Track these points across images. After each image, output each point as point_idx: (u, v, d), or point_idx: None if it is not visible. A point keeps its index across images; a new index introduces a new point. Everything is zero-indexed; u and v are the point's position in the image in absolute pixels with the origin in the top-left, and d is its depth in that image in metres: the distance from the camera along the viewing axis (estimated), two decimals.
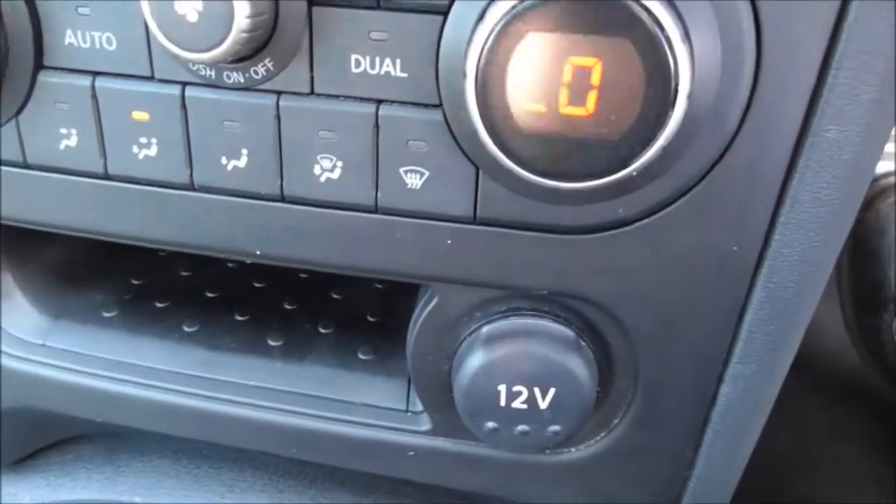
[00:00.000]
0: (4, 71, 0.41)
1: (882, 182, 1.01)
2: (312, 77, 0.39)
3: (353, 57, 0.38)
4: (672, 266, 0.40)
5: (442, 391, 0.46)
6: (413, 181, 0.40)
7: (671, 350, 0.43)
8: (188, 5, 0.36)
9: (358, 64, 0.38)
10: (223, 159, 0.42)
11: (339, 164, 0.40)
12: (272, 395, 0.51)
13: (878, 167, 1.07)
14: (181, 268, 0.61)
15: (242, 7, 0.35)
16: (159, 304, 0.57)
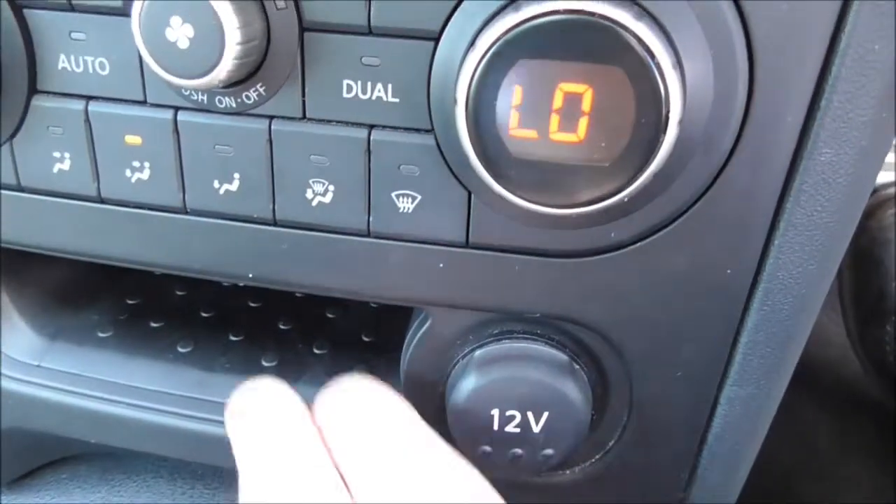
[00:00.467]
0: None
1: (884, 192, 1.01)
2: (304, 102, 0.39)
3: (345, 82, 0.38)
4: (666, 289, 0.40)
5: (435, 414, 0.45)
6: (405, 205, 0.40)
7: (666, 373, 0.43)
8: (179, 32, 0.36)
9: (350, 89, 0.38)
10: (215, 183, 0.42)
11: (332, 189, 0.40)
12: None
13: (881, 177, 1.07)
14: (176, 287, 0.61)
15: (234, 34, 0.35)
16: (154, 325, 0.57)
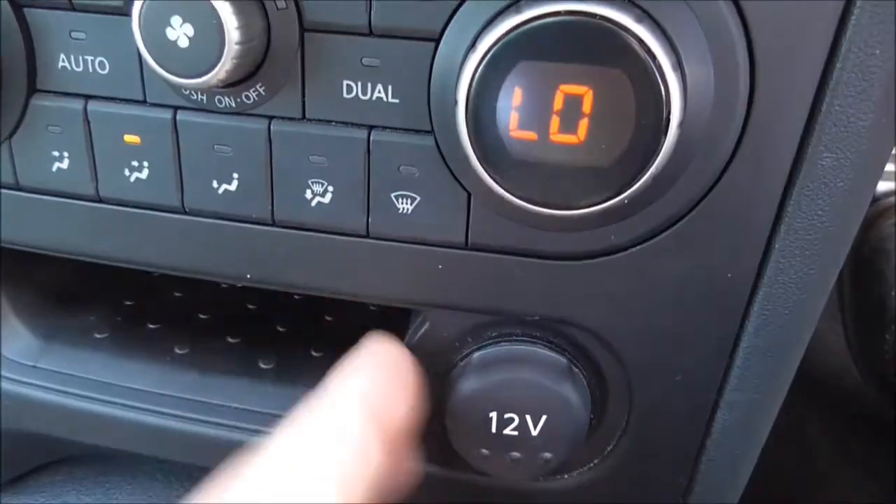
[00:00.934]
0: None
1: (885, 201, 1.01)
2: (304, 102, 0.39)
3: (345, 83, 0.38)
4: (665, 293, 0.40)
5: (434, 417, 0.45)
6: (405, 206, 0.40)
7: (665, 377, 0.43)
8: (179, 31, 0.36)
9: (350, 90, 0.38)
10: (214, 183, 0.42)
11: (331, 189, 0.40)
12: (263, 419, 0.50)
13: (881, 186, 1.07)
14: (174, 289, 0.60)
15: (233, 33, 0.35)
16: (151, 326, 0.57)
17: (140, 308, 0.59)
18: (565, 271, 0.40)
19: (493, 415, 0.41)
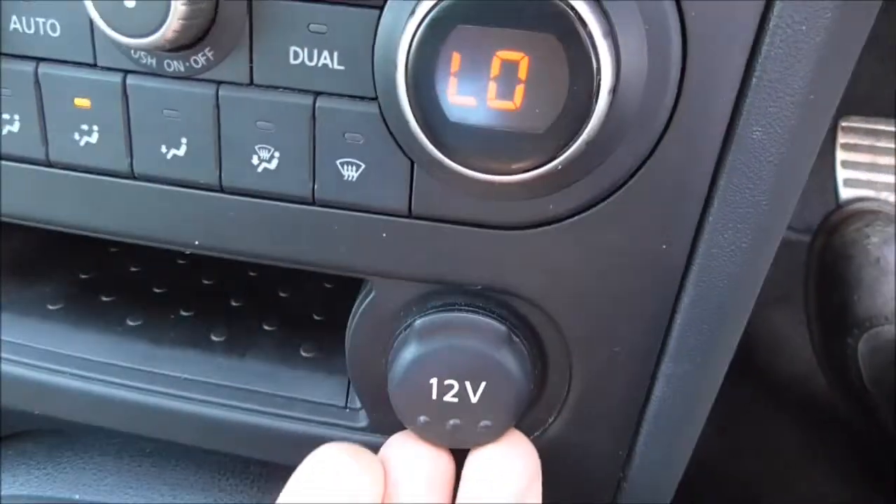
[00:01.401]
0: None
1: (848, 208, 1.03)
2: (252, 68, 0.39)
3: (292, 49, 0.39)
4: (602, 263, 0.41)
5: (378, 387, 0.46)
6: (349, 173, 0.41)
7: (603, 347, 0.44)
8: None
9: (296, 56, 0.39)
10: (163, 148, 0.42)
11: (277, 155, 0.41)
12: (212, 390, 0.50)
13: (844, 193, 1.09)
14: (130, 263, 0.61)
15: None
16: (105, 298, 0.57)
17: (95, 281, 0.59)
18: (506, 241, 0.41)
19: (434, 381, 0.42)
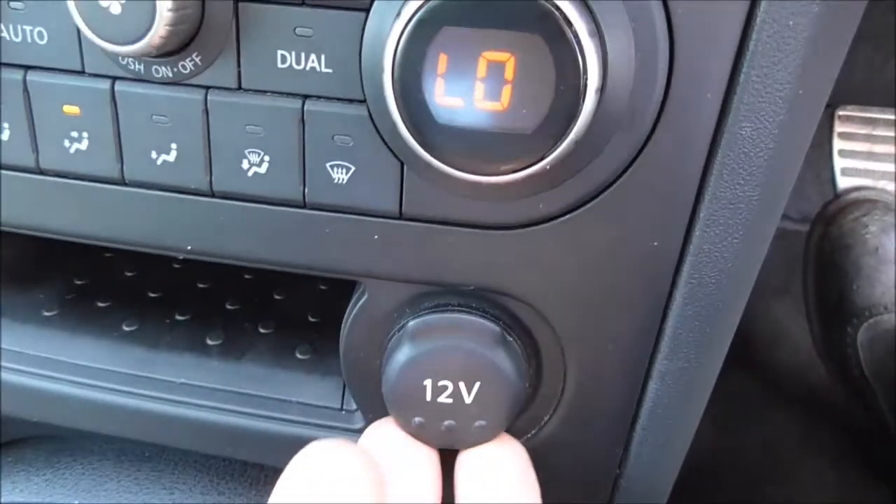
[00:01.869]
0: None
1: (846, 197, 1.03)
2: (240, 72, 0.39)
3: (280, 52, 0.38)
4: (594, 262, 0.41)
5: (373, 388, 0.46)
6: (339, 176, 0.41)
7: (597, 346, 0.44)
8: None
9: (284, 59, 0.39)
10: (153, 154, 0.42)
11: (267, 159, 0.41)
12: (208, 394, 0.51)
13: (842, 183, 1.09)
14: (125, 268, 0.61)
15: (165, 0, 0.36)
16: (100, 304, 0.57)
17: (90, 286, 0.59)
18: (497, 241, 0.41)
19: (428, 382, 0.42)
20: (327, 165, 0.40)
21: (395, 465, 0.42)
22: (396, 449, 0.43)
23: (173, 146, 0.42)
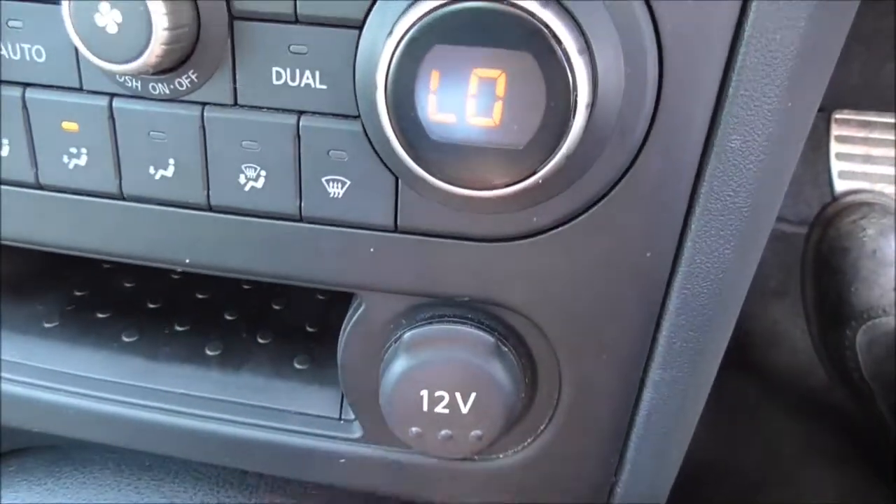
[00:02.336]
0: None
1: (843, 200, 1.03)
2: (235, 89, 0.40)
3: (275, 69, 0.39)
4: (588, 273, 0.41)
5: (371, 398, 0.46)
6: (335, 190, 0.41)
7: (592, 356, 0.44)
8: (108, 17, 0.36)
9: (279, 76, 0.39)
10: (151, 169, 0.43)
11: (263, 174, 0.41)
12: (207, 404, 0.51)
13: (839, 185, 1.10)
14: (125, 280, 0.61)
15: (161, 19, 0.36)
16: (100, 315, 0.57)
17: (90, 298, 0.59)
18: (491, 253, 0.41)
19: (424, 393, 0.42)
20: (323, 180, 0.41)
21: None
22: None
23: (171, 161, 0.42)
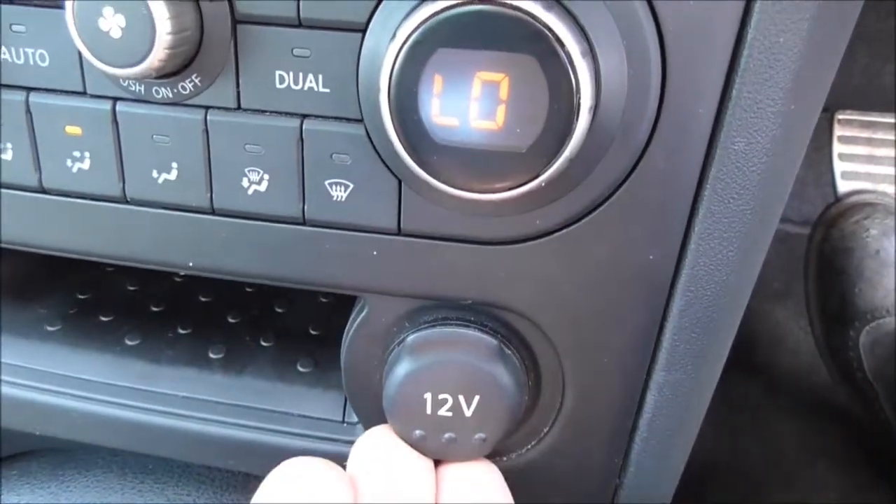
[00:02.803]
0: None
1: (846, 200, 1.03)
2: (239, 92, 0.40)
3: (278, 73, 0.39)
4: (591, 276, 0.41)
5: (374, 401, 0.46)
6: (338, 193, 0.41)
7: (595, 358, 0.44)
8: (111, 22, 0.37)
9: (282, 80, 0.39)
10: (154, 173, 0.43)
11: (267, 177, 0.41)
12: (210, 407, 0.51)
13: (842, 186, 1.09)
14: (128, 283, 0.61)
15: (164, 24, 0.36)
16: (103, 318, 0.57)
17: (93, 301, 0.59)
18: (495, 256, 0.41)
19: (428, 396, 0.42)
20: (326, 183, 0.41)
21: (391, 473, 0.42)
22: (391, 457, 0.43)
23: (174, 165, 0.42)
